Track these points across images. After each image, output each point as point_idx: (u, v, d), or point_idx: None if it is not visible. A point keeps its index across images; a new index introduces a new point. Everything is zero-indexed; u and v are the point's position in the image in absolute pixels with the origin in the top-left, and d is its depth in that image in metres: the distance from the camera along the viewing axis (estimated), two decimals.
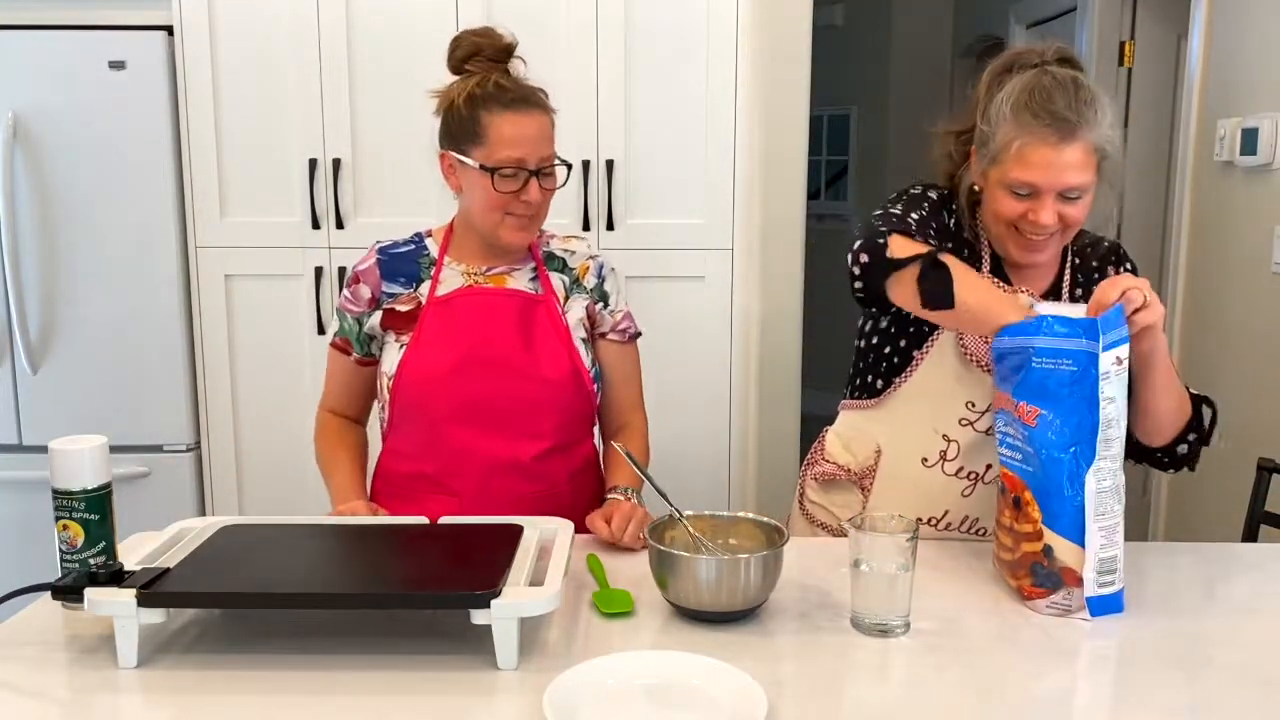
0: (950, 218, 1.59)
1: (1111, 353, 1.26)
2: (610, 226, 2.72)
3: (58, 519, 1.26)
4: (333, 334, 1.70)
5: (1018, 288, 1.55)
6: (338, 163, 2.71)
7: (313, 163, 2.72)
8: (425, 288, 1.63)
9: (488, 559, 1.25)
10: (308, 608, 1.24)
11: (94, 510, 1.26)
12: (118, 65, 2.66)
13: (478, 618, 1.14)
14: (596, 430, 1.76)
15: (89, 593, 1.16)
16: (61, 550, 1.26)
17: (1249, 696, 1.11)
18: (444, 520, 1.41)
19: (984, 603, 1.35)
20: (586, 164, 2.70)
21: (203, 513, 2.86)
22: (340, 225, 2.74)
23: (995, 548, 1.41)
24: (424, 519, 1.42)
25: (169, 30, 2.67)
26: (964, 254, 1.56)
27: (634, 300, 2.69)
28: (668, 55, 2.68)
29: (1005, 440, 1.37)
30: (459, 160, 1.57)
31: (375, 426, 1.72)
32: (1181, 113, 3.04)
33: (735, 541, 1.39)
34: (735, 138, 2.71)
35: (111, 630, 1.17)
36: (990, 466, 1.55)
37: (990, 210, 1.51)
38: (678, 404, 2.77)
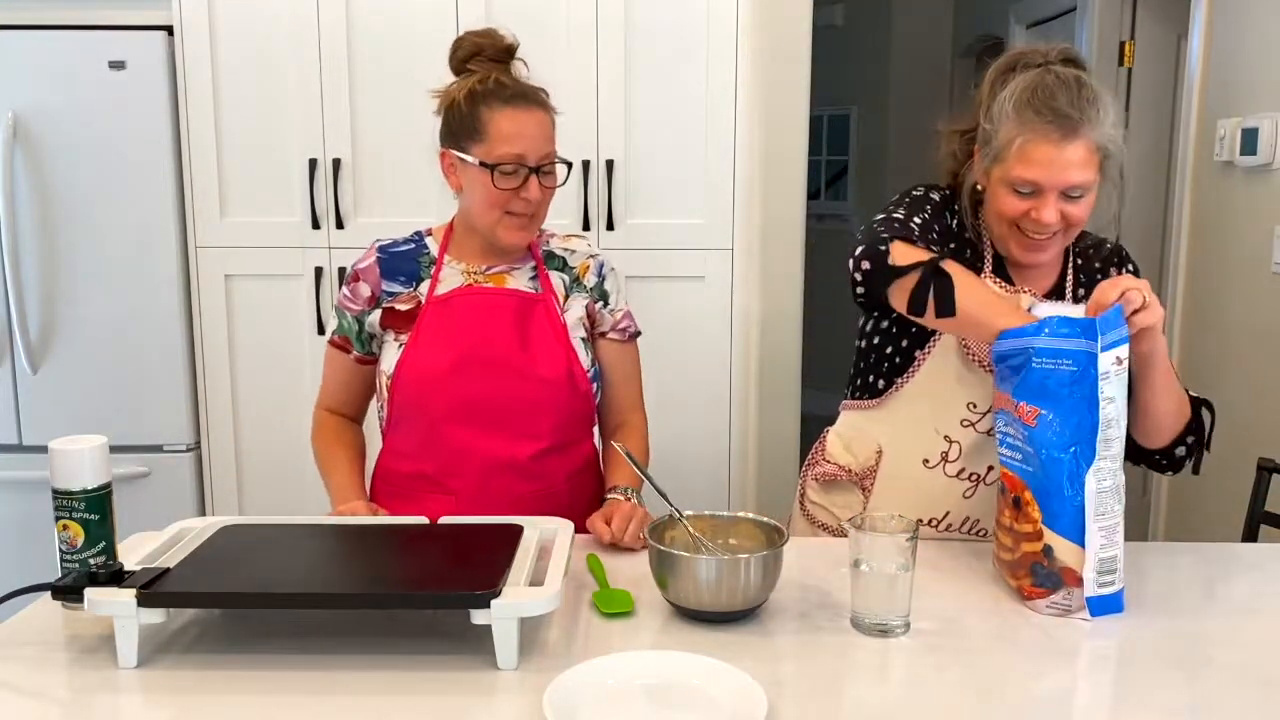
0: (953, 219, 1.59)
1: (1111, 353, 1.26)
2: (610, 226, 2.72)
3: (58, 519, 1.26)
4: (331, 332, 1.70)
5: (1020, 288, 1.55)
6: (338, 163, 2.71)
7: (313, 163, 2.72)
8: (425, 287, 1.63)
9: (488, 559, 1.25)
10: (308, 608, 1.24)
11: (94, 510, 1.26)
12: (118, 65, 2.66)
13: (478, 618, 1.14)
14: (596, 430, 1.76)
15: (89, 593, 1.16)
16: (61, 550, 1.26)
17: (1249, 696, 1.11)
18: (444, 520, 1.41)
19: (984, 603, 1.35)
20: (586, 164, 2.70)
21: (203, 513, 2.86)
22: (340, 225, 2.74)
23: (995, 548, 1.41)
24: (424, 519, 1.42)
25: (169, 30, 2.68)
26: (966, 254, 1.56)
27: (634, 300, 2.68)
28: (668, 55, 2.68)
29: (1005, 440, 1.37)
30: (459, 158, 1.57)
31: (374, 425, 1.72)
32: (1181, 113, 3.04)
33: (735, 541, 1.39)
34: (735, 138, 2.71)
35: (111, 630, 1.17)
36: (992, 468, 1.55)
37: (993, 209, 1.51)
38: (678, 404, 2.77)
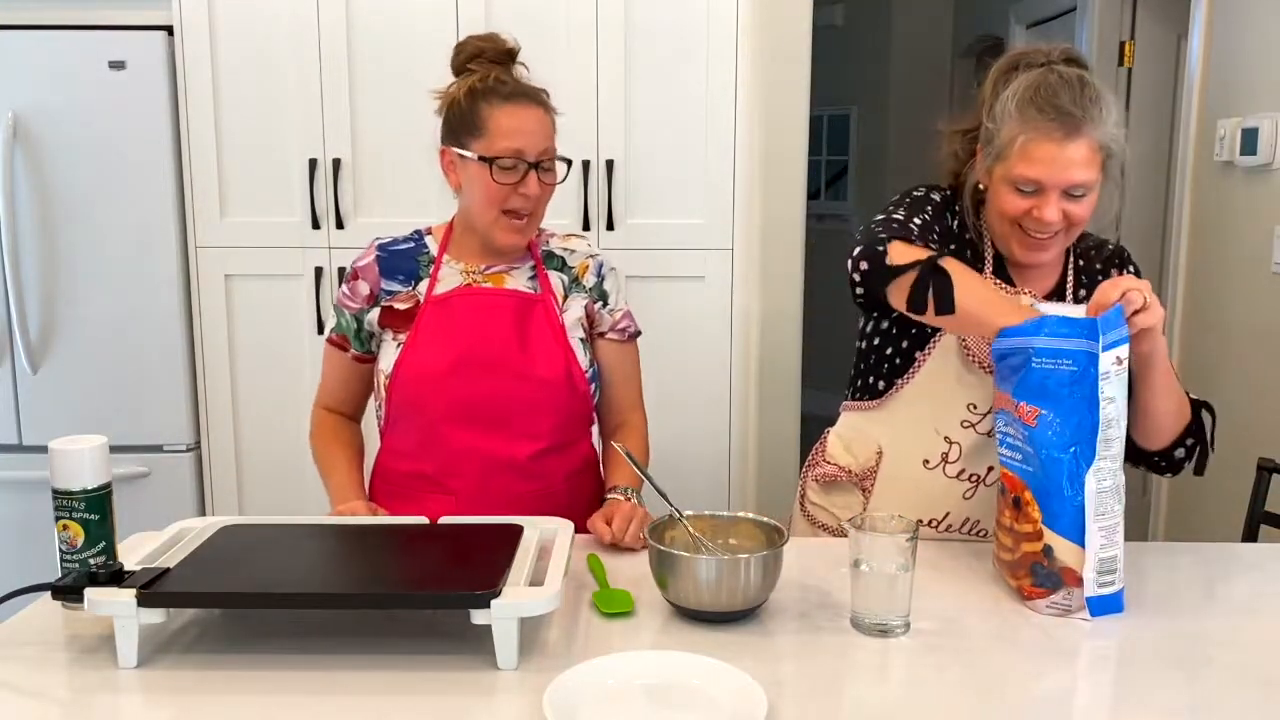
0: (953, 219, 1.59)
1: (1112, 353, 1.26)
2: (610, 226, 2.72)
3: (58, 519, 1.26)
4: (329, 330, 1.70)
5: (1020, 289, 1.55)
6: (338, 163, 2.71)
7: (313, 163, 2.72)
8: (423, 286, 1.63)
9: (488, 559, 1.25)
10: (308, 608, 1.24)
11: (94, 510, 1.26)
12: (118, 65, 2.66)
13: (478, 618, 1.14)
14: (595, 430, 1.76)
15: (89, 593, 1.16)
16: (61, 550, 1.26)
17: (1249, 696, 1.11)
18: (444, 520, 1.41)
19: (984, 603, 1.35)
20: (586, 164, 2.70)
21: (203, 513, 2.86)
22: (340, 225, 2.74)
23: (995, 548, 1.41)
24: (424, 519, 1.42)
25: (169, 30, 2.68)
26: (966, 255, 1.56)
27: (634, 300, 2.68)
28: (668, 55, 2.68)
29: (1005, 440, 1.37)
30: (459, 154, 1.58)
31: (372, 424, 1.72)
32: (1181, 113, 3.04)
33: (735, 541, 1.39)
34: (735, 138, 2.71)
35: (111, 630, 1.17)
36: (991, 469, 1.55)
37: (995, 208, 1.51)
38: (678, 404, 2.77)
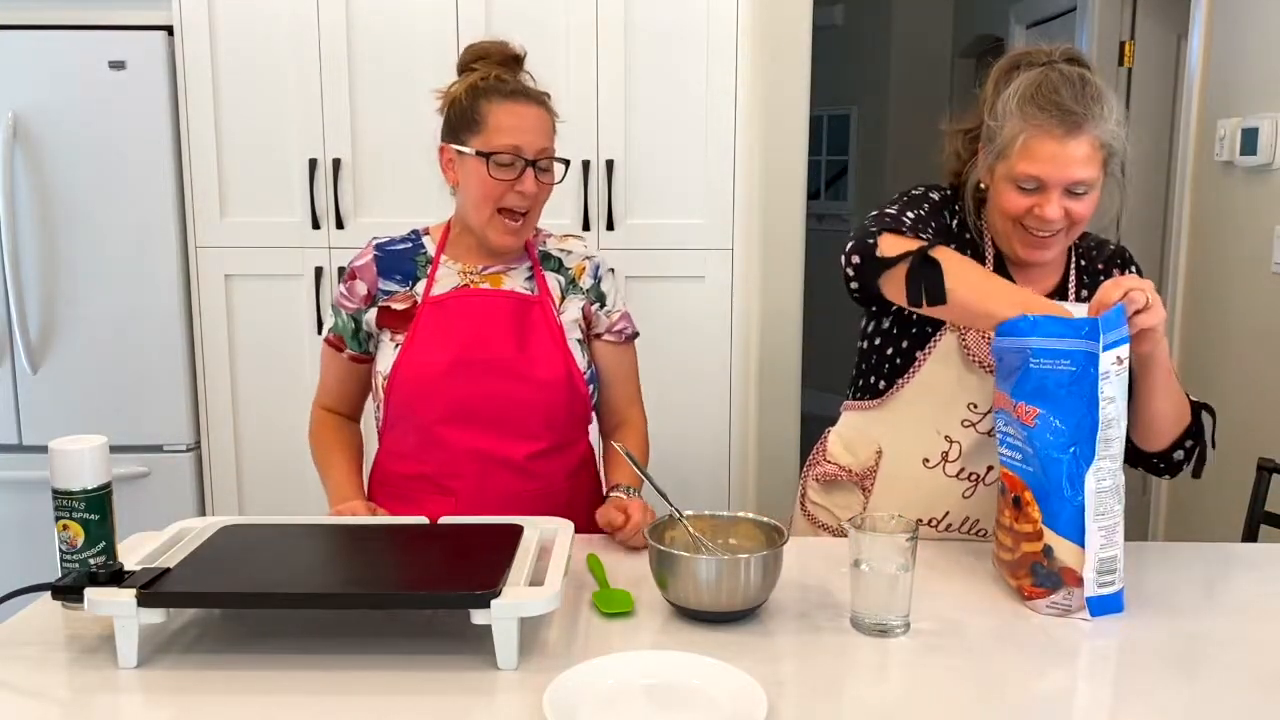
0: (953, 218, 1.59)
1: (1112, 352, 1.26)
2: (610, 226, 2.72)
3: (58, 519, 1.26)
4: (327, 330, 1.70)
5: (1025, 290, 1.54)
6: (338, 163, 2.71)
7: (313, 163, 2.72)
8: (421, 286, 1.63)
9: (488, 559, 1.25)
10: (308, 608, 1.24)
11: (94, 510, 1.26)
12: (118, 65, 2.66)
13: (478, 618, 1.14)
14: (593, 428, 1.76)
15: (89, 593, 1.16)
16: (61, 550, 1.26)
17: (1249, 696, 1.11)
18: (444, 520, 1.41)
19: (984, 603, 1.35)
20: (586, 164, 2.70)
21: (203, 513, 2.86)
22: (340, 225, 2.74)
23: (995, 548, 1.41)
24: (424, 519, 1.42)
25: (169, 30, 2.67)
26: (967, 255, 1.55)
27: (634, 300, 2.69)
28: (668, 55, 2.68)
29: (1005, 440, 1.37)
30: (457, 151, 1.58)
31: (371, 426, 1.71)
32: (1181, 113, 3.04)
33: (735, 541, 1.39)
34: (735, 138, 2.71)
35: (111, 630, 1.17)
36: (991, 468, 1.55)
37: (996, 207, 1.51)
38: (678, 404, 2.77)
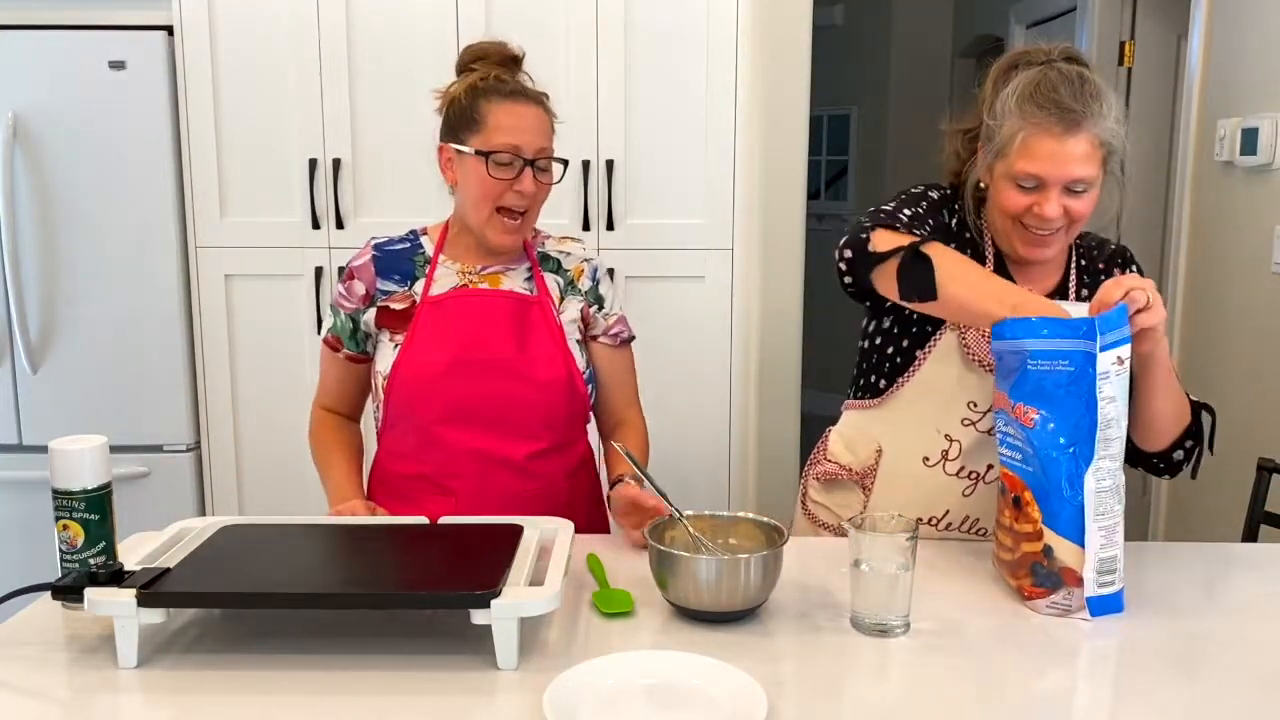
0: (952, 217, 1.59)
1: (1112, 352, 1.26)
2: (610, 226, 2.72)
3: (58, 519, 1.26)
4: (325, 330, 1.70)
5: (1021, 288, 1.54)
6: (338, 163, 2.71)
7: (313, 163, 2.72)
8: (419, 286, 1.63)
9: (488, 559, 1.25)
10: (308, 608, 1.24)
11: (94, 510, 1.26)
12: (118, 65, 2.66)
13: (478, 618, 1.14)
14: (592, 428, 1.76)
15: (89, 593, 1.16)
16: (61, 550, 1.26)
17: (1249, 696, 1.11)
18: (444, 520, 1.41)
19: (984, 603, 1.35)
20: (586, 164, 2.70)
21: (203, 513, 2.86)
22: (340, 225, 2.74)
23: (995, 548, 1.41)
24: (423, 519, 1.42)
25: (169, 30, 2.67)
26: (967, 254, 1.55)
27: (634, 300, 2.69)
28: (668, 55, 2.68)
29: (1005, 440, 1.37)
30: (456, 150, 1.58)
31: (370, 427, 1.71)
32: (1181, 113, 3.04)
33: (735, 541, 1.39)
34: (735, 138, 2.71)
35: (111, 630, 1.17)
36: (991, 467, 1.55)
37: (996, 205, 1.51)
38: (678, 404, 2.77)
